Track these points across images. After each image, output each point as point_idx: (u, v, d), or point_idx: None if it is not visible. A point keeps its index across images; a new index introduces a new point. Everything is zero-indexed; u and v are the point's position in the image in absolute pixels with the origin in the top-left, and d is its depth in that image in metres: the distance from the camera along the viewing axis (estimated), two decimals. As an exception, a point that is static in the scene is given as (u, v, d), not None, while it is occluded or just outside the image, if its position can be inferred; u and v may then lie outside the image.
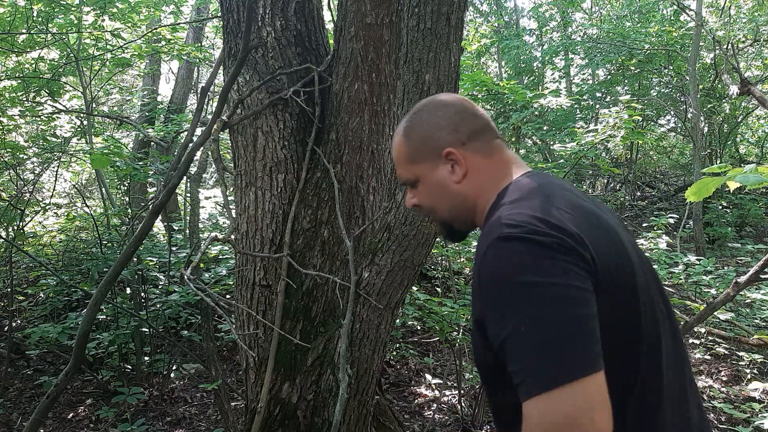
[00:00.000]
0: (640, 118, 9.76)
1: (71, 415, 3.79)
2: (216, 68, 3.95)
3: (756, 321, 5.07)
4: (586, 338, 0.82)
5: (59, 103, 5.77)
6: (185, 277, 1.83)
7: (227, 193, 2.43)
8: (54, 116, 5.58)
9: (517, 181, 1.06)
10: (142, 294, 4.50)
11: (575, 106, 9.49)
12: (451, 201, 1.12)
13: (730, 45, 8.27)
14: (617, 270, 0.92)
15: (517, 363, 0.83)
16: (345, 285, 2.21)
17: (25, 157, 5.95)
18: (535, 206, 0.93)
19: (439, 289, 5.51)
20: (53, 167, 6.29)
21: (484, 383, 1.05)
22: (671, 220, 5.79)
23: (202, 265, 4.38)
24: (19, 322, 5.03)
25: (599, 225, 0.96)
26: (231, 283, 4.34)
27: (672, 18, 10.52)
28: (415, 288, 4.34)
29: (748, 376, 4.30)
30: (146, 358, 4.31)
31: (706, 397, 4.04)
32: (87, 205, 6.03)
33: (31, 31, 4.95)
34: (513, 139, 10.40)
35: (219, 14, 2.90)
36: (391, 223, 2.11)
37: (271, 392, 2.25)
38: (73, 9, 5.00)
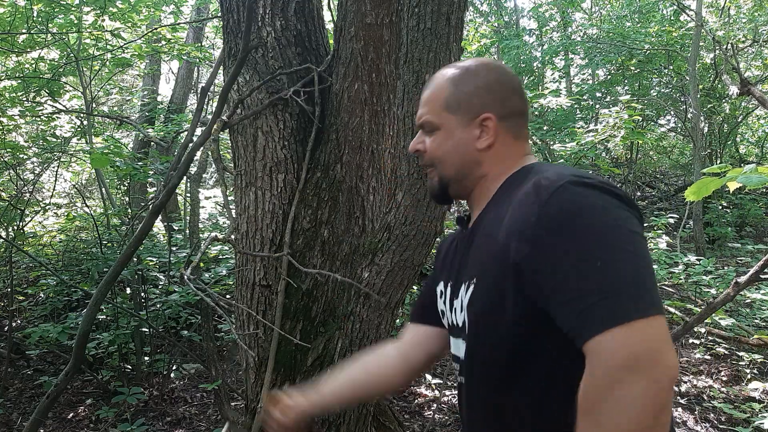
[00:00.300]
0: (640, 118, 9.75)
1: (71, 415, 3.79)
2: (216, 68, 3.95)
3: (756, 321, 5.07)
4: (655, 281, 0.84)
5: (59, 103, 5.77)
6: (185, 276, 1.83)
7: (227, 193, 2.43)
8: (54, 116, 5.58)
9: (542, 162, 1.08)
10: (142, 294, 4.50)
11: (575, 106, 9.48)
12: (464, 162, 1.10)
13: (729, 45, 8.26)
14: None
15: (590, 296, 0.80)
16: (345, 285, 2.21)
17: (25, 157, 5.95)
18: (590, 173, 0.94)
19: (439, 289, 5.50)
20: (53, 167, 6.29)
21: (490, 381, 0.99)
22: (671, 220, 5.80)
23: (202, 265, 4.38)
24: (19, 322, 5.03)
25: None
26: (231, 283, 4.34)
27: (672, 18, 10.51)
28: (415, 288, 4.34)
29: (748, 376, 4.30)
30: (146, 358, 4.30)
31: (706, 397, 4.04)
32: (87, 205, 6.03)
33: (31, 31, 4.94)
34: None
35: (219, 14, 2.90)
36: (391, 223, 2.11)
37: (271, 392, 2.25)
38: (73, 9, 5.00)
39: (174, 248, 4.54)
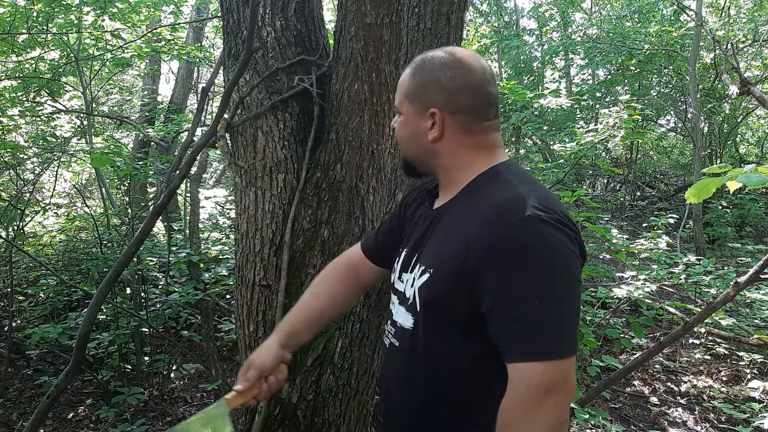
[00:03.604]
0: (640, 118, 9.76)
1: (71, 415, 3.79)
2: (216, 68, 3.95)
3: (756, 321, 5.08)
4: (576, 323, 1.01)
5: (59, 103, 5.76)
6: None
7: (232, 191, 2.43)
8: (54, 116, 5.58)
9: (511, 164, 1.14)
10: (142, 294, 4.50)
11: (575, 106, 9.48)
12: (420, 150, 1.18)
13: (730, 45, 8.26)
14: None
15: (520, 327, 0.97)
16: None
17: (25, 157, 5.94)
18: (551, 198, 1.04)
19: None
20: (53, 167, 6.28)
21: (431, 354, 1.11)
22: (671, 220, 5.79)
23: (202, 265, 4.37)
24: (19, 322, 5.03)
25: None
26: (231, 283, 4.33)
27: (672, 18, 10.50)
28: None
29: (748, 376, 4.30)
30: (146, 358, 4.30)
31: (706, 397, 4.04)
32: (87, 205, 6.03)
33: (31, 31, 4.94)
34: (513, 139, 10.41)
35: (219, 14, 2.90)
36: (391, 223, 2.11)
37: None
38: (73, 9, 5.00)
39: (174, 248, 4.53)
